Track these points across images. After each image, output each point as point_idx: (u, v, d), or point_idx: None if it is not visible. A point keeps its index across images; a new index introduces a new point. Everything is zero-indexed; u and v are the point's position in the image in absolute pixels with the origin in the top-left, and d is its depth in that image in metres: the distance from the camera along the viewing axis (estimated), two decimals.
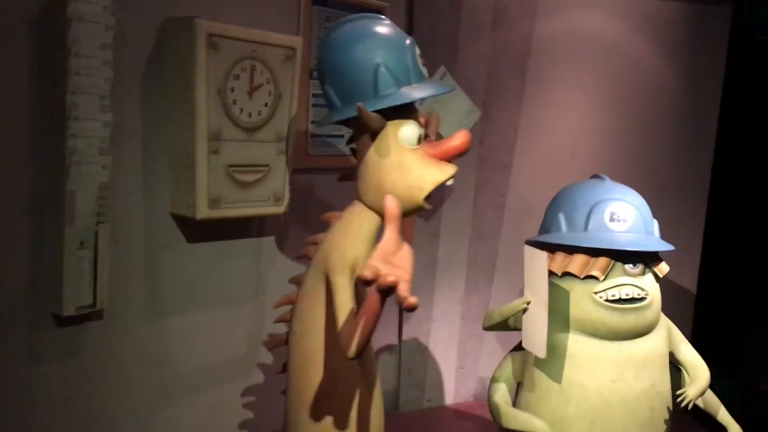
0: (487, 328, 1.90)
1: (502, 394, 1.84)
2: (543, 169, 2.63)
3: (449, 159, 1.43)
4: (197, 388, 1.85)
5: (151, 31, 1.63)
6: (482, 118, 2.47)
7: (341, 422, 1.46)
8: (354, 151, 1.53)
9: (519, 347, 1.92)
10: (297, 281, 1.56)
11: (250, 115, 1.72)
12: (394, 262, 1.19)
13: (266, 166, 1.78)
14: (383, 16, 1.48)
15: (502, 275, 2.65)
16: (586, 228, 1.75)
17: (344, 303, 1.37)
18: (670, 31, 2.69)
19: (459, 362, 2.68)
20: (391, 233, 1.23)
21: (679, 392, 1.76)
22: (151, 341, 1.72)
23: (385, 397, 2.37)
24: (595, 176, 1.93)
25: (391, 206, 1.24)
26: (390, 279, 1.10)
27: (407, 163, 1.40)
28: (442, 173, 1.41)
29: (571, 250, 1.76)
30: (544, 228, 1.86)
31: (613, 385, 1.71)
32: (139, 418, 1.72)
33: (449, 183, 1.41)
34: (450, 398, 2.69)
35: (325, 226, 1.52)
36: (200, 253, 1.80)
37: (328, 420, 1.46)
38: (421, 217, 2.48)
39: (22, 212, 1.46)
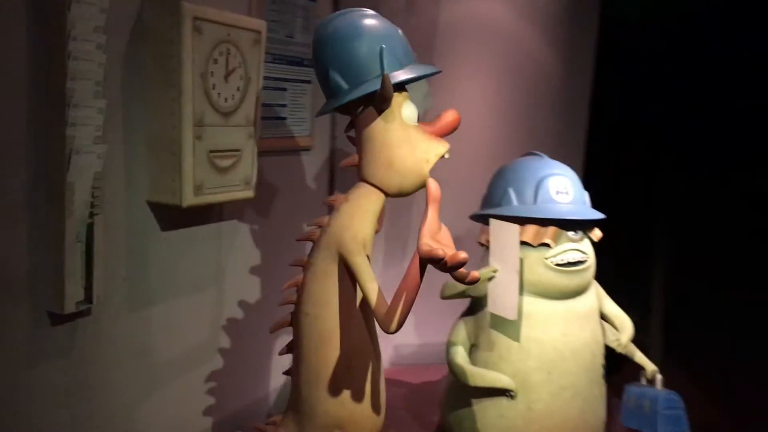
0: (446, 297, 2.04)
1: (462, 356, 2.01)
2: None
3: (443, 135, 1.55)
4: (173, 376, 1.82)
5: (130, 13, 1.56)
6: None
7: (358, 395, 1.54)
8: (352, 139, 1.59)
9: (469, 312, 2.09)
10: (299, 264, 1.60)
11: (226, 99, 1.71)
12: (441, 240, 1.30)
13: (239, 150, 1.78)
14: (371, 10, 1.57)
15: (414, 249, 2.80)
16: (535, 201, 1.95)
17: (369, 282, 1.45)
18: (550, 15, 2.96)
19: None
20: (433, 213, 1.33)
21: (613, 338, 2.04)
22: (133, 333, 1.67)
23: None
24: (530, 153, 2.13)
25: (434, 188, 1.35)
26: (462, 256, 1.20)
27: (413, 138, 1.51)
28: (442, 147, 1.53)
29: (522, 221, 1.95)
30: (494, 202, 2.02)
31: (564, 339, 1.94)
32: (126, 410, 1.68)
33: (447, 156, 1.54)
34: None
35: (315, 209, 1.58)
36: (172, 241, 1.76)
37: (347, 394, 1.53)
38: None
39: (18, 206, 1.36)
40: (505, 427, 1.94)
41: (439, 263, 1.23)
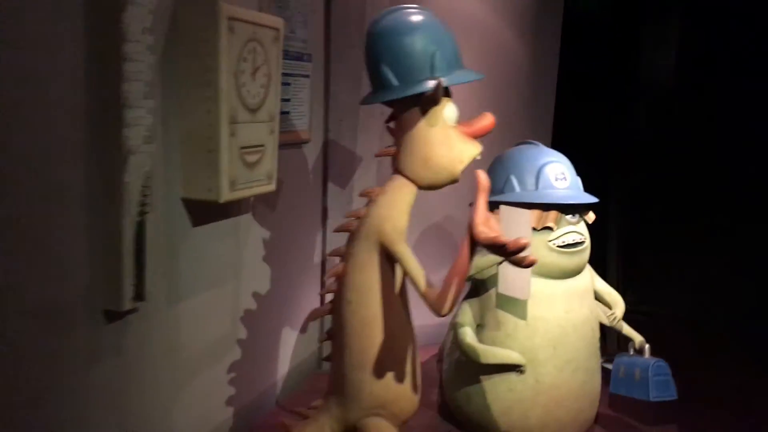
0: None
1: (471, 336, 2.12)
2: None
3: (477, 137, 1.64)
4: (201, 368, 1.86)
5: (165, 13, 1.58)
6: None
7: (400, 377, 1.63)
8: (391, 131, 1.66)
9: (473, 294, 2.21)
10: (338, 254, 1.67)
11: (253, 96, 1.75)
12: (492, 227, 1.40)
13: (263, 145, 1.82)
14: (428, 9, 1.63)
15: None
16: (537, 187, 2.08)
17: (416, 268, 1.54)
18: (517, 6, 3.10)
19: None
20: (483, 202, 1.43)
21: (609, 314, 2.20)
22: (168, 328, 1.70)
23: (309, 358, 2.55)
24: (526, 142, 2.25)
25: (483, 178, 1.44)
26: (523, 242, 1.30)
27: (451, 138, 1.59)
28: (476, 148, 1.62)
29: (526, 206, 2.06)
30: (496, 189, 2.13)
31: (567, 315, 2.08)
32: (162, 404, 1.71)
33: (478, 158, 1.64)
34: None
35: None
36: (200, 236, 1.79)
37: (390, 376, 1.62)
38: (337, 185, 2.63)
39: (76, 206, 1.38)
40: (515, 401, 2.07)
41: (501, 249, 1.33)
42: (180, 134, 1.64)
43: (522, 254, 1.35)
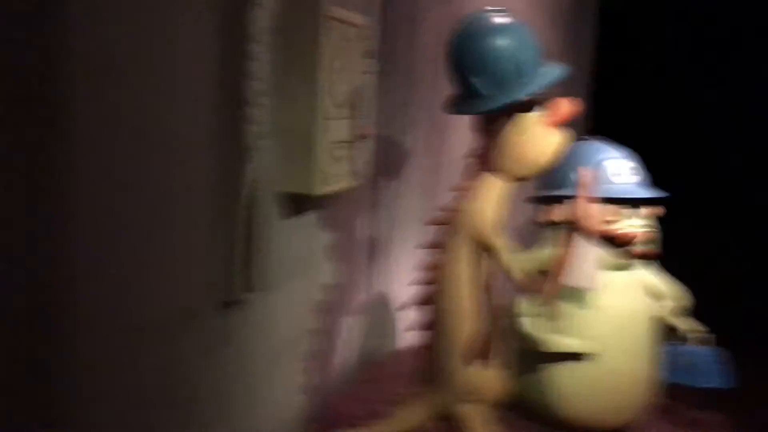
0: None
1: (531, 326, 2.19)
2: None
3: (560, 125, 1.71)
4: (283, 355, 1.93)
5: (268, 12, 1.61)
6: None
7: (485, 364, 1.70)
8: (477, 131, 1.72)
9: None
10: (432, 246, 1.73)
11: (341, 93, 1.80)
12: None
13: (346, 141, 1.87)
14: (506, 10, 1.68)
15: None
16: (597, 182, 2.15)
17: (512, 261, 1.60)
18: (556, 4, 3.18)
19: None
20: (586, 198, 1.50)
21: (664, 304, 2.29)
22: (264, 318, 1.75)
23: (368, 347, 2.60)
24: (580, 138, 2.32)
25: (586, 174, 1.51)
26: (633, 233, 1.38)
27: (539, 134, 1.66)
28: (560, 138, 1.68)
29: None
30: (555, 185, 2.20)
31: (627, 304, 2.15)
32: (257, 394, 1.77)
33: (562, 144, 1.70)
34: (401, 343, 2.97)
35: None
36: (286, 229, 1.84)
37: (477, 363, 1.69)
38: (385, 179, 2.68)
39: (197, 202, 1.42)
40: (576, 388, 2.15)
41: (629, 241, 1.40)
42: (279, 129, 1.68)
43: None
